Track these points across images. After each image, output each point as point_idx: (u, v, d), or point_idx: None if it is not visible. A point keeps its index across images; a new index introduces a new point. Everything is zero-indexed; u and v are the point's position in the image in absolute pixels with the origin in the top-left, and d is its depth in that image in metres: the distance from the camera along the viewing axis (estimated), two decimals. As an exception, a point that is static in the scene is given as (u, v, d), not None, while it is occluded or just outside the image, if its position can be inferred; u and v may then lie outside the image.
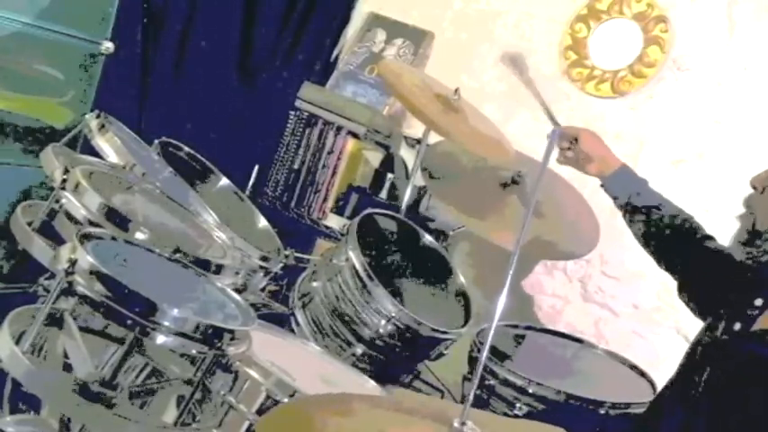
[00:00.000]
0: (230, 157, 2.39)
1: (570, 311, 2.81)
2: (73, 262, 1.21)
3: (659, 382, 1.97)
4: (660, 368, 2.01)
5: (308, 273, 2.05)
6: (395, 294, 1.92)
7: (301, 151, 2.94)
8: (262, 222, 2.19)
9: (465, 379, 2.09)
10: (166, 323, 1.23)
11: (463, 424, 1.08)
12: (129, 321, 1.21)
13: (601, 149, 2.04)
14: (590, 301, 2.79)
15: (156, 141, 2.01)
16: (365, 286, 1.88)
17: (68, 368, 1.39)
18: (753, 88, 2.58)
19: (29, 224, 1.50)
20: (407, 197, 2.46)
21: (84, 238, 1.30)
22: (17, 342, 1.27)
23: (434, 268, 2.20)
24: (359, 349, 1.91)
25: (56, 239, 1.47)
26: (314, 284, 1.98)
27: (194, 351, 1.28)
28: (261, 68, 3.01)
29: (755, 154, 2.53)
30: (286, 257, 2.01)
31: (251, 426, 1.44)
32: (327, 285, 1.94)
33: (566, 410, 1.89)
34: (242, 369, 1.45)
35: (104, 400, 1.30)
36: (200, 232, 1.74)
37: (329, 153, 2.89)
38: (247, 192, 2.79)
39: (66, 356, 1.41)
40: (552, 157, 1.94)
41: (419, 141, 2.47)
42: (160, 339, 1.23)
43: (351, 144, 2.88)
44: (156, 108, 2.68)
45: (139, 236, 1.48)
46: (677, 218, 1.91)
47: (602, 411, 1.90)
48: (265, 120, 3.00)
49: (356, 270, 1.88)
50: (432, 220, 2.73)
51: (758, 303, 1.55)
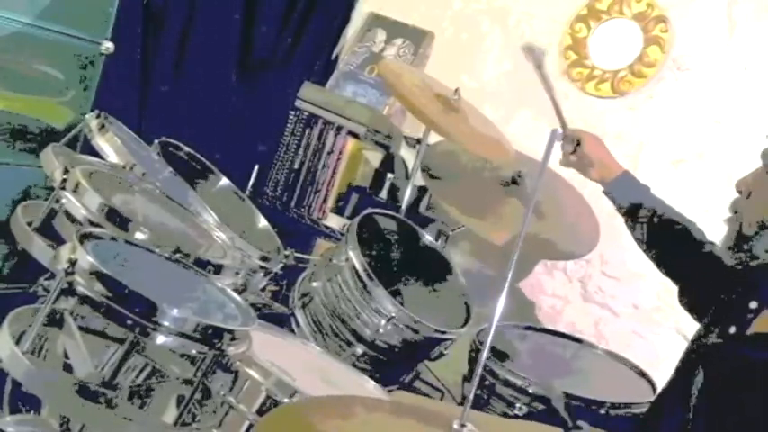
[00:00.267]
0: (230, 157, 2.40)
1: (570, 311, 2.81)
2: (73, 262, 1.21)
3: (659, 382, 1.97)
4: (660, 368, 2.01)
5: (308, 273, 2.05)
6: (395, 294, 1.92)
7: (301, 151, 2.93)
8: (262, 222, 2.18)
9: (465, 379, 2.09)
10: (166, 323, 1.23)
11: (463, 426, 1.08)
12: (129, 321, 1.21)
13: (603, 154, 2.03)
14: (590, 301, 2.79)
15: (156, 141, 2.02)
16: (365, 286, 1.88)
17: (68, 368, 1.39)
18: (753, 88, 2.58)
19: (29, 224, 1.50)
20: (407, 197, 2.46)
21: (84, 238, 1.30)
22: (17, 342, 1.27)
23: (434, 268, 2.21)
24: (359, 349, 1.91)
25: (56, 239, 1.47)
26: (314, 284, 1.98)
27: (194, 351, 1.28)
28: (261, 68, 3.01)
29: (755, 154, 2.52)
30: (286, 257, 2.01)
31: (251, 426, 1.44)
32: (327, 285, 1.94)
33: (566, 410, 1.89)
34: (242, 369, 1.45)
35: (104, 400, 1.30)
36: (200, 232, 1.74)
37: (329, 153, 2.89)
38: (247, 192, 2.78)
39: (66, 356, 1.41)
40: (552, 158, 1.94)
41: (419, 141, 2.47)
42: (160, 339, 1.23)
43: (351, 144, 2.88)
44: (156, 108, 2.68)
45: (139, 236, 1.48)
46: (679, 225, 1.91)
47: (602, 411, 1.90)
48: (265, 120, 3.00)
49: (356, 270, 1.88)
50: (432, 221, 2.73)
51: (753, 306, 1.54)
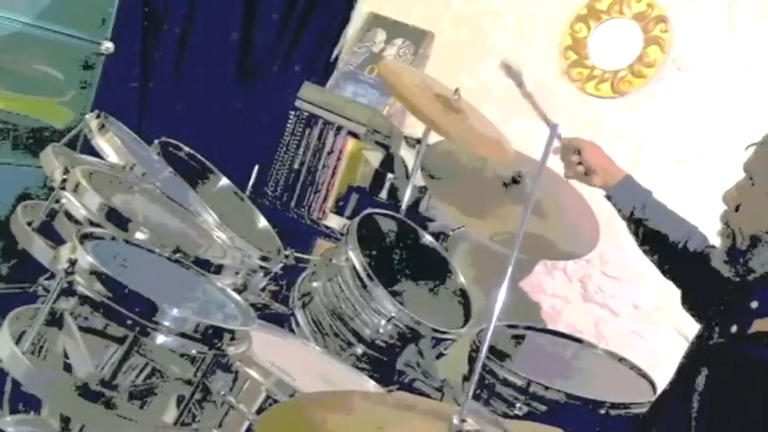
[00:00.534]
0: (230, 157, 2.39)
1: (570, 311, 2.81)
2: (73, 262, 1.21)
3: (659, 382, 1.97)
4: (660, 368, 2.01)
5: (308, 273, 2.05)
6: (395, 294, 1.92)
7: (301, 151, 2.93)
8: (262, 222, 2.18)
9: (465, 379, 2.09)
10: (166, 323, 1.23)
11: (463, 421, 1.08)
12: (129, 321, 1.21)
13: (604, 161, 2.04)
14: (590, 301, 2.79)
15: (156, 141, 2.01)
16: (365, 286, 1.88)
17: (68, 368, 1.39)
18: (753, 88, 2.58)
19: (29, 224, 1.50)
20: (407, 197, 2.46)
21: (84, 238, 1.30)
22: (17, 342, 1.27)
23: (434, 268, 2.20)
24: (359, 349, 1.91)
25: (56, 239, 1.47)
26: (314, 284, 1.98)
27: (194, 351, 1.28)
28: (261, 68, 3.01)
29: (755, 154, 2.53)
30: (286, 257, 2.01)
31: (251, 426, 1.44)
32: (327, 285, 1.94)
33: (566, 410, 1.89)
34: (242, 369, 1.45)
35: (104, 400, 1.30)
36: (200, 232, 1.74)
37: (329, 153, 2.89)
38: (247, 192, 2.79)
39: (66, 356, 1.41)
40: (552, 158, 1.94)
41: (419, 141, 2.47)
42: (160, 339, 1.23)
43: (351, 144, 2.88)
44: (156, 108, 2.68)
45: (139, 236, 1.48)
46: (680, 228, 1.91)
47: (602, 411, 1.90)
48: (265, 120, 3.00)
49: (356, 270, 1.88)
50: (432, 220, 2.73)
51: (754, 306, 1.55)
